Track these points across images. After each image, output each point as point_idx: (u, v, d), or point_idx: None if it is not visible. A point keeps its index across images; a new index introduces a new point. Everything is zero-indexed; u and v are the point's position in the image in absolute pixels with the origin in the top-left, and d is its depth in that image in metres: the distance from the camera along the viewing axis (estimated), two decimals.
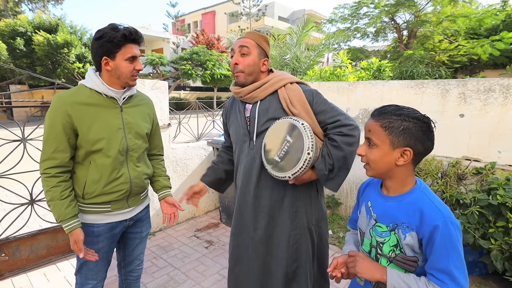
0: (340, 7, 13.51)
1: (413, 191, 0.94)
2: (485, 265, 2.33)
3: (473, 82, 2.66)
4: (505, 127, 2.54)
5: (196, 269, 2.51)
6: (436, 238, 0.84)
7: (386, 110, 0.94)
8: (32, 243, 2.48)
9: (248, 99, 1.44)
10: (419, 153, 0.91)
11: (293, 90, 1.38)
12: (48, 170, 1.27)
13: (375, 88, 3.29)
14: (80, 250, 1.28)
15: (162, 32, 27.36)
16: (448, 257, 0.83)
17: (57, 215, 1.27)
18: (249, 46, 1.39)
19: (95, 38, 1.27)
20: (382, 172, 0.95)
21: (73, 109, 1.26)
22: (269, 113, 1.40)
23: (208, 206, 3.73)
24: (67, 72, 15.22)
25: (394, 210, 0.95)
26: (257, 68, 1.41)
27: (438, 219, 0.85)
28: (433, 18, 11.60)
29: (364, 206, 1.07)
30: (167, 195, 1.61)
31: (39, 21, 14.91)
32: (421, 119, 0.90)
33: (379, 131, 0.92)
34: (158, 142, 1.65)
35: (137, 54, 1.33)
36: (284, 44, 6.93)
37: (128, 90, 1.39)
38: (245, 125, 1.47)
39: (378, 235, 0.97)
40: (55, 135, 1.25)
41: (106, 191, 1.34)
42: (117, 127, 1.35)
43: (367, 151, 0.96)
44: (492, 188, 2.17)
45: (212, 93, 24.79)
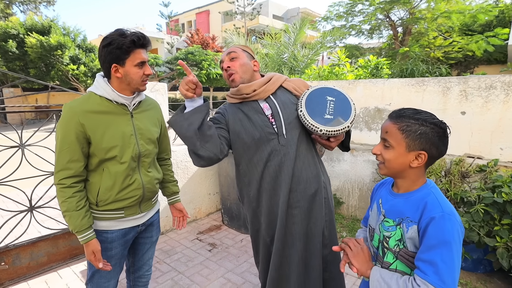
0: (335, 5, 13.52)
1: (421, 189, 0.96)
2: (489, 263, 2.34)
3: (474, 79, 2.66)
4: (506, 124, 2.54)
5: (200, 273, 2.48)
6: (429, 229, 0.85)
7: (405, 113, 0.95)
8: (33, 250, 2.44)
9: (260, 93, 1.46)
10: (433, 156, 0.94)
11: (296, 80, 1.58)
12: (63, 180, 1.25)
13: (375, 86, 3.28)
14: (99, 260, 1.28)
15: (156, 32, 27.18)
16: (436, 250, 0.83)
17: (72, 226, 1.25)
18: (236, 51, 1.50)
19: (103, 45, 1.25)
20: (395, 172, 0.99)
21: (86, 118, 1.24)
22: (288, 104, 1.47)
23: (209, 208, 3.70)
24: (61, 74, 15.05)
25: (401, 205, 0.98)
26: (249, 67, 1.49)
27: (436, 212, 0.86)
28: (428, 15, 11.65)
29: (376, 204, 1.11)
30: (176, 201, 1.67)
31: (31, 23, 14.70)
32: (438, 124, 0.92)
33: (396, 134, 0.94)
34: (166, 145, 1.64)
35: (146, 59, 1.31)
36: (281, 43, 6.90)
37: (138, 95, 1.38)
38: (269, 123, 1.44)
39: (385, 229, 1.00)
40: (69, 145, 1.24)
41: (120, 197, 1.34)
42: (129, 133, 1.34)
43: (383, 151, 0.99)
44: (497, 185, 2.17)
45: (208, 93, 24.68)
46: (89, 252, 1.29)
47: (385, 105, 3.24)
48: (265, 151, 1.42)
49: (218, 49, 23.76)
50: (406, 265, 0.96)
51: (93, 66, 15.51)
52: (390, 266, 0.99)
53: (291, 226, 1.46)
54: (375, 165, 3.17)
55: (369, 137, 3.38)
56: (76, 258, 2.65)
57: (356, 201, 3.42)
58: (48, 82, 15.39)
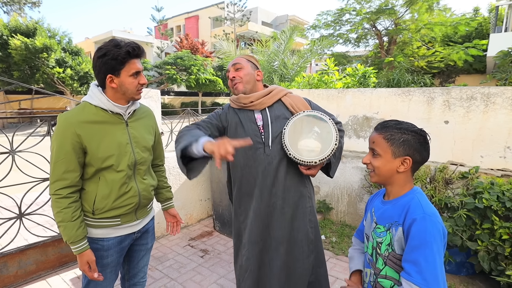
0: (324, 14, 13.83)
1: (407, 194, 1.05)
2: (472, 266, 2.45)
3: (457, 90, 2.80)
4: (486, 133, 2.69)
5: (193, 279, 2.49)
6: (412, 230, 0.92)
7: (388, 124, 1.06)
8: (21, 258, 2.39)
9: (257, 105, 1.56)
10: (417, 161, 1.03)
11: (296, 97, 1.62)
12: (59, 191, 1.25)
13: (363, 95, 3.39)
14: (94, 270, 1.28)
15: (144, 36, 27.00)
16: (419, 250, 0.89)
17: (67, 237, 1.25)
18: (241, 62, 1.58)
19: (97, 56, 1.26)
20: (384, 178, 1.07)
21: (81, 129, 1.25)
22: (280, 118, 1.55)
23: (201, 214, 3.71)
24: (46, 77, 14.73)
25: (390, 211, 1.06)
26: (252, 77, 1.58)
27: (417, 214, 0.94)
28: (412, 26, 12.09)
29: (369, 213, 1.18)
30: (169, 207, 1.69)
31: (16, 24, 14.35)
32: (418, 132, 1.02)
33: (382, 143, 1.04)
34: (160, 152, 1.66)
35: (141, 69, 1.33)
36: (271, 50, 7.01)
37: (133, 104, 1.40)
38: (259, 133, 1.55)
39: (377, 235, 1.07)
40: (65, 156, 1.24)
41: (116, 205, 1.35)
42: (125, 142, 1.35)
43: (372, 159, 1.07)
44: (478, 192, 2.28)
45: (197, 97, 24.62)
46: (83, 262, 1.28)
47: (373, 114, 3.35)
48: (251, 158, 1.55)
49: (207, 54, 23.79)
50: (394, 270, 1.01)
51: (79, 69, 15.27)
52: (381, 271, 1.05)
53: (274, 230, 1.56)
54: (363, 172, 3.27)
55: (358, 144, 3.48)
56: (65, 266, 2.61)
57: (345, 207, 3.50)
58: (33, 85, 15.02)
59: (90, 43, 25.52)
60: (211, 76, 20.59)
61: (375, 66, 10.76)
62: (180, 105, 24.51)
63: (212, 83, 20.73)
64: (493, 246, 2.13)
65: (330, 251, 2.94)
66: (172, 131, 3.75)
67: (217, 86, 21.17)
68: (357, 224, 3.41)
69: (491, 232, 2.17)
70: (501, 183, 2.30)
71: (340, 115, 3.58)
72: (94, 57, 1.28)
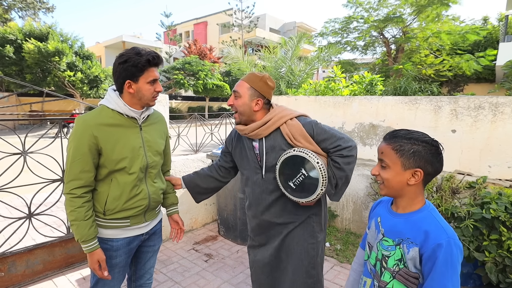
0: (331, 21, 13.89)
1: (421, 210, 1.00)
2: (479, 277, 2.41)
3: (464, 100, 2.79)
4: (494, 143, 2.67)
5: (197, 283, 2.50)
6: (439, 256, 0.89)
7: (398, 134, 1.01)
8: (29, 258, 2.43)
9: (253, 136, 1.57)
10: (429, 173, 0.98)
11: (294, 126, 1.51)
12: (74, 190, 1.30)
13: (370, 103, 3.40)
14: (104, 269, 1.32)
15: (154, 41, 27.42)
16: (446, 276, 0.88)
17: (79, 236, 1.30)
18: (239, 90, 1.53)
19: (119, 62, 1.32)
20: (394, 191, 1.02)
21: (99, 131, 1.31)
22: (276, 149, 1.53)
23: (205, 218, 3.72)
24: (57, 81, 15.03)
25: (401, 226, 1.01)
26: (247, 108, 1.53)
27: (442, 238, 0.90)
28: (419, 35, 12.06)
29: (374, 222, 1.14)
30: (173, 212, 1.73)
31: (30, 28, 14.75)
32: (430, 142, 0.97)
33: (391, 154, 0.99)
34: (168, 157, 1.71)
35: (158, 77, 1.40)
36: (278, 57, 7.07)
37: (147, 110, 1.45)
38: (256, 160, 1.61)
39: (384, 248, 1.03)
40: (81, 156, 1.29)
41: (127, 207, 1.39)
42: (138, 145, 1.41)
43: (380, 171, 1.03)
44: (485, 202, 2.26)
45: (204, 102, 24.81)
46: (93, 261, 1.33)
47: (379, 121, 3.35)
48: (251, 180, 1.64)
49: (215, 59, 24.04)
50: (403, 284, 0.98)
51: (89, 73, 15.55)
52: (387, 285, 1.02)
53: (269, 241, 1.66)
54: (369, 179, 3.25)
55: (364, 152, 3.48)
56: (72, 267, 2.64)
57: (350, 214, 3.49)
58: (44, 87, 15.33)
59: (101, 47, 26.02)
60: (219, 81, 20.76)
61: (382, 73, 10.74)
62: (187, 109, 24.73)
63: (219, 88, 20.89)
64: (501, 258, 2.10)
65: (335, 259, 2.92)
66: (179, 135, 3.80)
67: (224, 92, 21.32)
68: (362, 232, 3.38)
69: (499, 243, 2.14)
70: (509, 193, 2.27)
71: (346, 122, 3.59)
72: (115, 62, 1.34)
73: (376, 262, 1.06)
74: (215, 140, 4.21)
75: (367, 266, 1.13)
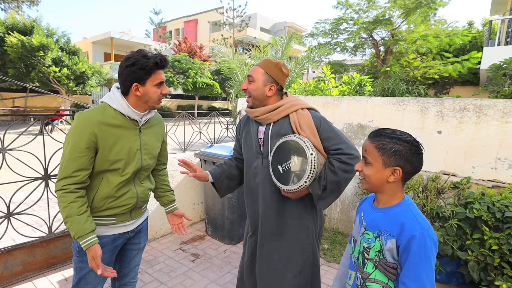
0: (321, 22, 13.99)
1: (399, 204, 1.05)
2: (462, 275, 2.46)
3: (450, 101, 2.84)
4: (478, 144, 2.72)
5: (183, 283, 2.46)
6: (413, 247, 0.94)
7: (382, 133, 1.05)
8: (7, 259, 2.34)
9: (262, 120, 1.58)
10: (408, 172, 1.03)
11: (304, 115, 1.52)
12: (66, 186, 1.26)
13: (359, 103, 3.42)
14: (98, 266, 1.27)
15: (143, 39, 26.98)
16: (420, 266, 0.93)
17: (74, 232, 1.25)
18: (253, 75, 1.55)
19: (126, 65, 1.30)
20: (375, 186, 1.07)
21: (99, 129, 1.28)
22: (281, 135, 1.52)
23: (193, 218, 3.68)
24: (42, 76, 14.59)
25: (380, 219, 1.06)
26: (261, 93, 1.55)
27: (416, 230, 0.95)
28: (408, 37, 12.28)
29: (358, 217, 1.19)
30: (174, 209, 1.72)
31: (13, 21, 14.26)
32: (411, 142, 1.01)
33: (373, 152, 1.04)
34: (164, 154, 1.69)
35: (164, 79, 1.38)
36: (268, 57, 7.05)
37: (149, 113, 1.43)
38: (258, 145, 1.61)
39: (365, 241, 1.08)
40: (79, 154, 1.25)
41: (113, 205, 1.37)
42: (136, 148, 1.39)
43: (363, 167, 1.08)
44: (469, 202, 2.31)
45: (193, 101, 24.60)
46: (90, 257, 1.28)
47: (367, 122, 3.38)
48: (252, 166, 1.63)
49: (205, 58, 23.86)
50: (384, 275, 1.04)
51: (76, 69, 15.17)
52: (370, 276, 1.06)
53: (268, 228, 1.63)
54: (356, 179, 3.28)
55: None
56: (53, 268, 2.56)
57: (338, 214, 3.51)
58: (28, 83, 14.87)
59: (88, 43, 25.43)
60: (208, 80, 20.61)
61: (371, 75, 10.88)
62: (177, 108, 24.46)
63: (209, 87, 20.74)
64: (483, 256, 2.15)
65: (322, 258, 2.93)
66: (167, 134, 3.73)
67: (214, 90, 21.19)
68: (349, 231, 3.41)
69: (481, 242, 2.19)
70: (492, 194, 2.32)
71: (335, 122, 3.61)
72: (122, 65, 1.32)
73: (359, 255, 1.11)
74: (204, 138, 4.16)
75: (352, 259, 1.17)
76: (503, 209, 2.13)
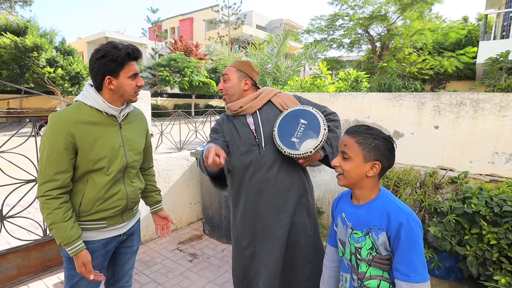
0: (317, 18, 13.95)
1: (378, 197, 1.08)
2: (461, 270, 2.45)
3: (446, 96, 2.83)
4: (475, 139, 2.71)
5: (181, 284, 2.44)
6: (402, 234, 0.97)
7: (360, 129, 1.08)
8: (1, 263, 2.31)
9: (246, 109, 1.61)
10: (385, 167, 1.06)
11: (285, 95, 1.67)
12: (48, 192, 1.21)
13: (355, 99, 3.40)
14: (90, 272, 1.24)
15: (138, 38, 26.83)
16: (411, 250, 0.96)
17: (60, 239, 1.21)
18: (228, 73, 1.64)
19: (96, 57, 1.25)
20: (353, 182, 1.08)
21: (76, 128, 1.22)
22: (271, 119, 1.59)
23: (190, 217, 3.65)
24: (37, 77, 14.46)
25: (365, 216, 1.07)
26: (238, 88, 1.63)
27: (402, 217, 0.99)
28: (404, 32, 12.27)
29: (340, 218, 1.17)
30: (160, 209, 1.69)
31: (6, 22, 14.12)
32: (387, 139, 1.05)
33: (354, 146, 1.05)
34: (149, 155, 1.65)
35: (138, 71, 1.33)
36: (264, 54, 7.02)
37: (127, 106, 1.38)
38: (252, 136, 1.60)
39: (356, 241, 1.08)
40: (57, 156, 1.20)
41: (103, 208, 1.32)
42: (118, 145, 1.34)
43: (342, 162, 1.08)
44: (467, 197, 2.29)
45: (190, 100, 24.52)
46: (79, 264, 1.24)
47: (364, 118, 3.36)
48: (247, 160, 1.59)
49: (201, 56, 23.74)
50: (379, 268, 1.05)
51: (71, 69, 15.04)
52: (365, 275, 1.06)
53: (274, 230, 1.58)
54: None
55: None
56: (49, 271, 2.53)
57: None
58: (22, 84, 14.74)
59: (83, 43, 25.25)
60: (205, 78, 20.52)
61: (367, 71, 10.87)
62: (173, 107, 24.37)
63: (206, 85, 20.66)
64: (481, 251, 2.14)
65: None
66: (163, 133, 3.70)
67: (211, 89, 21.11)
68: None
69: (480, 237, 2.18)
70: (490, 188, 2.31)
71: None
72: (92, 58, 1.26)
73: (351, 256, 1.10)
74: (200, 137, 4.13)
75: (343, 262, 1.16)
76: (501, 204, 2.12)
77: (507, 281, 1.94)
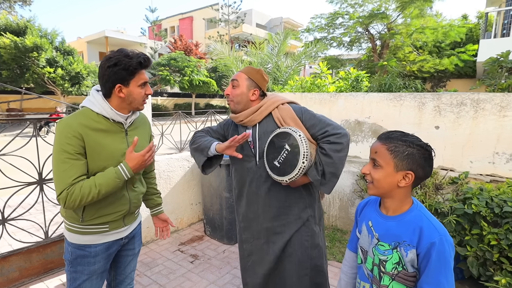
0: (317, 17, 13.92)
1: (411, 210, 1.01)
2: (461, 271, 2.46)
3: (447, 96, 2.82)
4: (475, 139, 2.71)
5: (182, 285, 2.45)
6: (432, 254, 0.91)
7: (393, 135, 1.01)
8: (3, 266, 2.31)
9: (247, 122, 1.61)
10: (419, 177, 0.98)
11: (285, 109, 1.58)
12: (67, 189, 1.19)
13: (355, 100, 3.40)
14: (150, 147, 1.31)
15: (138, 37, 26.79)
16: (441, 272, 0.90)
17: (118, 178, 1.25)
18: (238, 79, 1.61)
19: (108, 65, 1.24)
20: (383, 191, 1.02)
21: (84, 132, 1.23)
22: (268, 134, 1.57)
23: (191, 218, 3.66)
24: (37, 77, 14.44)
25: (395, 229, 1.01)
26: (245, 97, 1.60)
27: (435, 237, 0.92)
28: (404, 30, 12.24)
29: (365, 225, 1.12)
30: (160, 212, 1.71)
31: (5, 22, 14.08)
32: (424, 146, 0.97)
33: (385, 154, 0.99)
34: None
35: (148, 79, 1.34)
36: (264, 53, 7.01)
37: (133, 114, 1.39)
38: (249, 148, 1.63)
39: (381, 253, 1.02)
40: (73, 160, 1.20)
41: (106, 212, 1.34)
42: (123, 152, 1.34)
43: (372, 170, 1.02)
44: (467, 197, 2.30)
45: (190, 99, 24.50)
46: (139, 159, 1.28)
47: (364, 118, 3.36)
48: (245, 168, 1.64)
49: (201, 55, 23.70)
50: (402, 284, 1.00)
51: (71, 69, 15.02)
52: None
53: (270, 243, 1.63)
54: (355, 176, 3.27)
55: (350, 149, 3.48)
56: (51, 273, 2.54)
57: (336, 211, 3.50)
58: (22, 85, 14.72)
59: (82, 42, 25.22)
60: (205, 77, 20.49)
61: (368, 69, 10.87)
62: (174, 106, 24.37)
63: (206, 84, 20.63)
64: (481, 252, 2.15)
65: None
66: (163, 134, 3.71)
67: (211, 88, 21.08)
68: (348, 228, 3.40)
69: (480, 238, 2.18)
70: (490, 188, 2.32)
71: (332, 119, 3.56)
72: (103, 66, 1.26)
73: (374, 267, 1.05)
74: None
75: (363, 270, 1.12)
76: (501, 204, 2.12)
77: (507, 281, 1.94)
